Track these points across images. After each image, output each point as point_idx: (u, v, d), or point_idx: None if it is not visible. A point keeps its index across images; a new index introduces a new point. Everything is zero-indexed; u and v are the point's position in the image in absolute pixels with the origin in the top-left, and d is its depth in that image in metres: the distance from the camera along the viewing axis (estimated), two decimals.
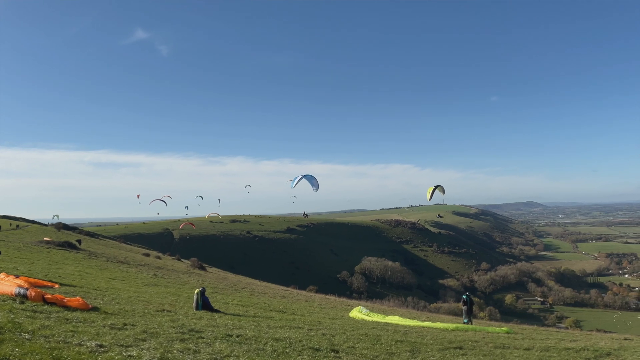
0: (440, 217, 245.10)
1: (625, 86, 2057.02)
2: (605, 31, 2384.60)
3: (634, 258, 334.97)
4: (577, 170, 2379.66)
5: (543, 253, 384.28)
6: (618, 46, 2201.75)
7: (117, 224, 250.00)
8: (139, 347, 12.28)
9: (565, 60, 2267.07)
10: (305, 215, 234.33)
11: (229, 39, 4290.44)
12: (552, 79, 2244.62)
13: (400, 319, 29.07)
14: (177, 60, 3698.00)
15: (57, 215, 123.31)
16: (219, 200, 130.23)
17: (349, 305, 39.82)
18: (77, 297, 18.64)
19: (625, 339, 25.28)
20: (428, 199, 53.23)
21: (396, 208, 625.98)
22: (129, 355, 11.31)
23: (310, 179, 51.63)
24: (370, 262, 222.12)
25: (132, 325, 15.63)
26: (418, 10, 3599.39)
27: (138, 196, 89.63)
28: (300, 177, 51.66)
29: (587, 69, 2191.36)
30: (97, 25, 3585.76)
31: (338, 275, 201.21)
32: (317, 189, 51.83)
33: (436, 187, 52.39)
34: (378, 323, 26.43)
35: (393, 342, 17.93)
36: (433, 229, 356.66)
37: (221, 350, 13.27)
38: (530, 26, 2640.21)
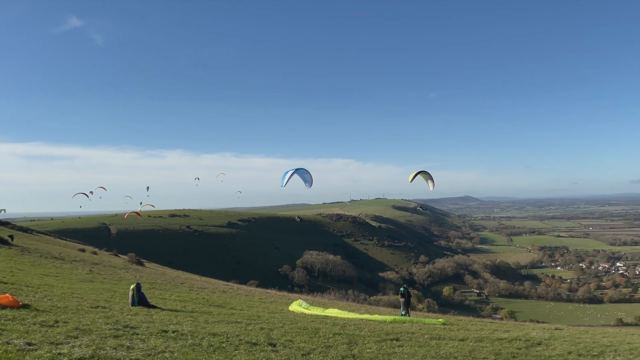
0: (420, 208, 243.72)
1: (556, 83, 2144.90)
2: (539, 26, 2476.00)
3: (565, 251, 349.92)
4: (511, 166, 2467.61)
5: (479, 246, 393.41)
6: (551, 40, 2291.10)
7: (52, 219, 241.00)
8: (70, 345, 11.99)
9: (499, 56, 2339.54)
10: (300, 219, 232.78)
11: (167, 30, 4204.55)
12: (487, 74, 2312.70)
13: (340, 312, 29.35)
14: (113, 49, 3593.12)
15: (4, 210, 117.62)
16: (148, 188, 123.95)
17: (289, 299, 39.98)
18: (7, 294, 18.04)
19: (556, 329, 26.54)
20: (410, 180, 50.64)
21: (338, 202, 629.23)
22: (59, 353, 11.03)
23: (303, 173, 44.59)
24: (312, 256, 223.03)
25: (64, 322, 15.24)
26: (362, 2, 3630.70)
27: (92, 192, 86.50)
28: (292, 172, 43.52)
29: (519, 65, 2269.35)
30: (29, 13, 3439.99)
31: (280, 270, 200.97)
32: (310, 185, 45.11)
33: (419, 172, 50.16)
34: (317, 316, 26.60)
35: (331, 335, 18.12)
36: (373, 223, 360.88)
37: (156, 346, 13.09)
38: (469, 21, 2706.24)
